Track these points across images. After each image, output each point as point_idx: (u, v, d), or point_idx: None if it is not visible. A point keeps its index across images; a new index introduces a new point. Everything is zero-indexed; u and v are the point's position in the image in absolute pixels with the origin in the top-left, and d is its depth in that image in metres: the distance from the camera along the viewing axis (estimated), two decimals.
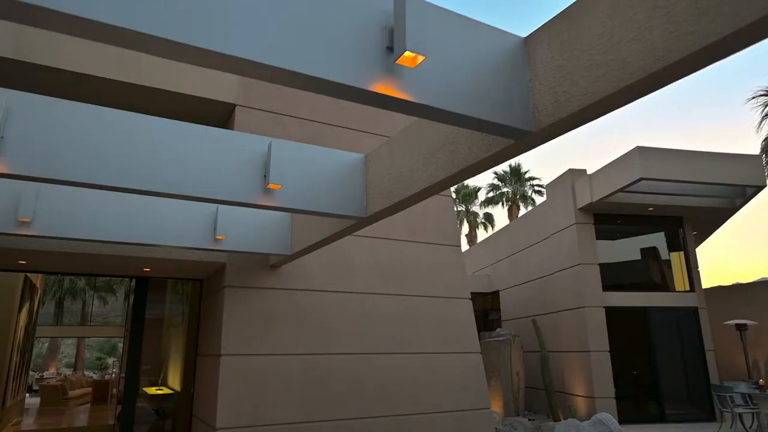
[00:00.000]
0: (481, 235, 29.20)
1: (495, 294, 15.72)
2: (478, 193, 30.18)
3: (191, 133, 3.95)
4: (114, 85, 6.52)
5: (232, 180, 4.05)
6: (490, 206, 29.57)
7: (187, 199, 3.98)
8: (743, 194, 10.76)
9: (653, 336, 10.95)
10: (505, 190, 28.57)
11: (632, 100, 2.46)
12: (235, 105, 7.32)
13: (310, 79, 2.21)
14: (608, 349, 10.52)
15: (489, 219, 30.05)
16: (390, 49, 2.42)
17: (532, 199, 27.84)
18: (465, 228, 30.44)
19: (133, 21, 1.87)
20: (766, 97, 11.83)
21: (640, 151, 9.43)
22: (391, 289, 7.79)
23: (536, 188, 28.00)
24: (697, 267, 11.50)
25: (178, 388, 8.48)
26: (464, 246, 28.13)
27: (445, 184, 3.61)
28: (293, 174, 4.26)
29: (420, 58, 2.31)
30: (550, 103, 2.70)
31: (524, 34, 2.92)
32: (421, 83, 2.46)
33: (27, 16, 1.84)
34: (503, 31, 2.88)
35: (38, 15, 1.82)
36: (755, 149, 12.09)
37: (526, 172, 28.31)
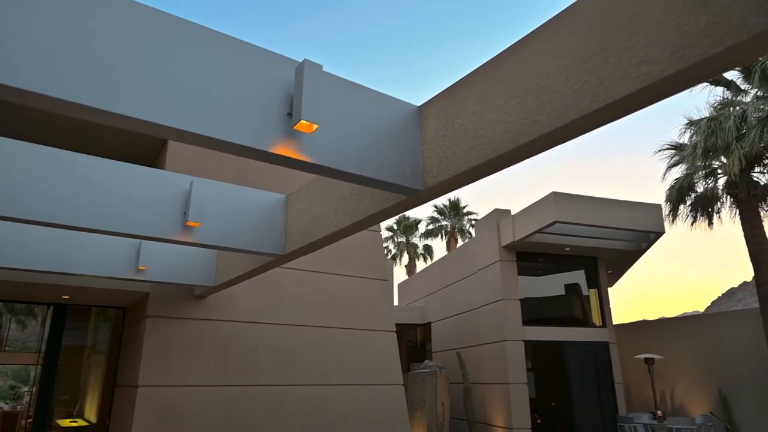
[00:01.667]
0: (421, 266, 29.80)
1: (428, 326, 16.12)
2: (419, 225, 30.92)
3: (114, 169, 4.10)
4: (49, 111, 6.50)
5: (153, 216, 4.20)
6: (430, 238, 30.32)
7: (108, 234, 4.09)
8: (647, 239, 11.81)
9: (569, 369, 11.62)
10: (444, 223, 29.42)
11: (497, 171, 2.90)
12: None
13: (213, 140, 2.50)
14: (526, 381, 11.07)
15: (428, 251, 30.76)
16: (291, 114, 2.74)
17: (470, 233, 28.79)
18: (405, 259, 30.99)
19: (49, 89, 2.10)
20: (670, 151, 13.05)
21: (555, 196, 10.25)
22: (317, 320, 7.98)
23: (473, 223, 29.00)
24: (609, 304, 12.39)
25: (94, 420, 8.21)
26: (404, 276, 28.60)
27: (353, 229, 3.95)
28: (214, 212, 4.47)
29: (314, 126, 2.65)
30: (435, 166, 3.10)
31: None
32: (318, 146, 2.79)
33: None
34: (399, 100, 3.28)
35: None
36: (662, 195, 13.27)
37: (464, 207, 29.31)
